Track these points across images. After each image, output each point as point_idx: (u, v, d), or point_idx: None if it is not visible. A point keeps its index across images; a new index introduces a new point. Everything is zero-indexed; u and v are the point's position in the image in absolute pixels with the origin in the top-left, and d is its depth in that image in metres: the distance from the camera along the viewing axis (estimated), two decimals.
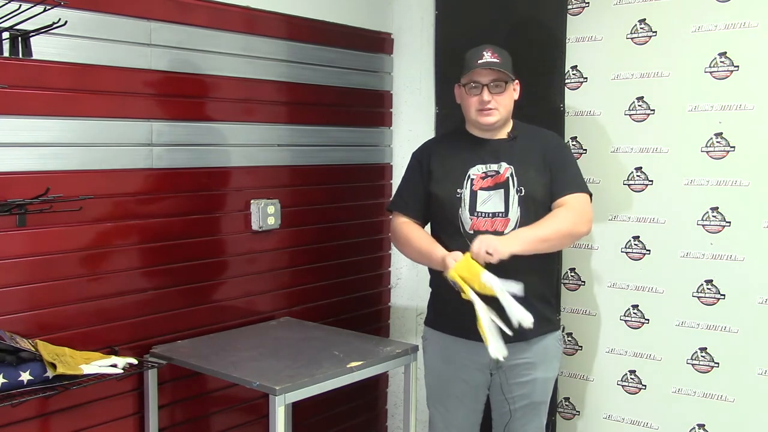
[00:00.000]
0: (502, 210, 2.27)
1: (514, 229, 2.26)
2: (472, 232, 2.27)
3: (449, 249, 2.23)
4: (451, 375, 2.42)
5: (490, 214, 2.28)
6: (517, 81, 2.34)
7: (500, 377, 2.37)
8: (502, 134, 2.37)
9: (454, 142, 2.44)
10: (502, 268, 2.12)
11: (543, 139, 2.40)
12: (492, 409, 2.48)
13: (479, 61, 2.27)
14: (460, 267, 2.13)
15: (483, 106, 2.29)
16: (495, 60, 2.27)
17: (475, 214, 2.28)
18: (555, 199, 2.32)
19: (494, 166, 2.31)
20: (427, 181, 2.40)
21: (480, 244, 2.12)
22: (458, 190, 2.31)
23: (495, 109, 2.29)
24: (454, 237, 2.29)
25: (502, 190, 2.28)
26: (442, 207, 2.34)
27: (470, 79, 2.29)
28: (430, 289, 2.52)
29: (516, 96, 2.35)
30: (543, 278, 2.37)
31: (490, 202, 2.29)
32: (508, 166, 2.30)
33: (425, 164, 2.42)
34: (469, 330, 2.29)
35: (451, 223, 2.31)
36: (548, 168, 2.32)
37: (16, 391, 1.88)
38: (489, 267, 2.11)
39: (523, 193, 2.27)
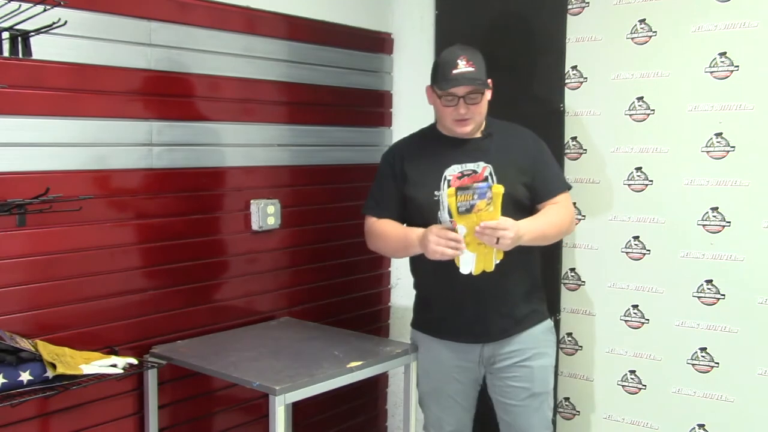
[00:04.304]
0: None
1: None
2: None
3: None
4: (443, 375, 2.42)
5: None
6: (490, 81, 2.28)
7: (495, 377, 2.38)
8: (477, 133, 2.33)
9: (426, 142, 2.39)
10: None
11: (521, 138, 2.37)
12: (496, 410, 2.47)
13: (454, 72, 2.18)
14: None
15: (459, 117, 2.24)
16: (470, 69, 2.18)
17: None
18: (546, 199, 2.33)
19: (471, 166, 2.27)
20: (401, 183, 2.35)
21: (500, 227, 2.07)
22: (435, 193, 2.27)
23: (471, 119, 2.25)
24: None
25: None
26: (420, 210, 2.31)
27: (445, 92, 2.22)
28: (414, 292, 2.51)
29: (489, 96, 2.29)
30: (525, 274, 2.35)
31: None
32: (486, 165, 2.27)
33: (398, 166, 2.38)
34: (455, 332, 2.34)
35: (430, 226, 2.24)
36: (531, 168, 2.31)
37: (16, 391, 1.88)
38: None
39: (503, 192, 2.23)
